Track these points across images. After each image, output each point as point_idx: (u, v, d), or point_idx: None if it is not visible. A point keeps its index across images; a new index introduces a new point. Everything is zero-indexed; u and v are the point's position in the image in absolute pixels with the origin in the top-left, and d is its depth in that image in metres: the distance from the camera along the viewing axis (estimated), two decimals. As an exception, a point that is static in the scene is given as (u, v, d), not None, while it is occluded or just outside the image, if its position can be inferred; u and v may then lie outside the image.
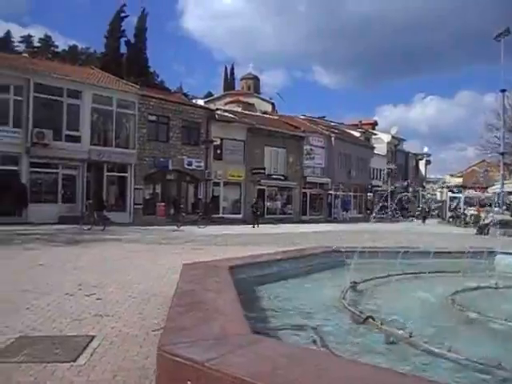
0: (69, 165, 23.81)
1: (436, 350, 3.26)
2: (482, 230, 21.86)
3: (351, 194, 44.03)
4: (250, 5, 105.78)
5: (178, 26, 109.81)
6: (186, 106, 30.59)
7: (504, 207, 26.63)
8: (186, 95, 48.02)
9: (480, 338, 4.25)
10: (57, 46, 59.70)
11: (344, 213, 41.15)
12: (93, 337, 4.13)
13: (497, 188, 28.79)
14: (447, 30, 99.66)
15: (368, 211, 42.90)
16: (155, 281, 7.09)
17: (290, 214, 36.33)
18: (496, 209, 25.08)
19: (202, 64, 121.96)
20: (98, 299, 5.72)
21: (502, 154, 26.81)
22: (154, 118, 27.62)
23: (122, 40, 53.28)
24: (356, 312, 4.35)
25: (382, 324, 3.83)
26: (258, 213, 27.92)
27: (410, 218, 37.12)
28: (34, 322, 4.57)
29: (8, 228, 17.48)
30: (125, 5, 52.91)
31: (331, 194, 40.47)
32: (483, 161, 39.69)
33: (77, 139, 24.02)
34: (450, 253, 8.67)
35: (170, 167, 28.04)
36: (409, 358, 3.34)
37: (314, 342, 3.66)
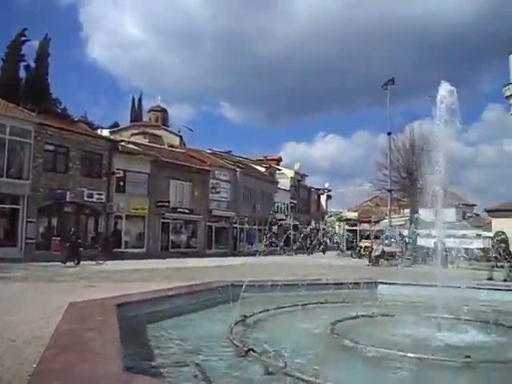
0: None
1: (305, 378, 3.53)
2: (373, 261, 23.50)
3: (256, 227, 44.97)
4: (154, 36, 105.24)
5: (83, 53, 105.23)
6: (87, 136, 29.44)
7: (393, 240, 28.93)
8: (90, 125, 46.20)
9: (351, 364, 4.63)
10: None
11: (249, 246, 41.80)
12: (-42, 387, 3.82)
13: (386, 222, 31.27)
14: (351, 75, 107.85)
15: (272, 244, 43.95)
16: (40, 322, 6.65)
17: (195, 247, 36.07)
18: (385, 241, 27.09)
19: (109, 94, 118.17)
20: (-30, 345, 5.27)
21: (390, 190, 29.39)
22: (51, 147, 26.16)
23: (22, 64, 50.46)
24: (239, 345, 4.52)
25: (261, 356, 4.04)
26: (78, 246, 20.90)
27: (311, 251, 38.81)
28: None
29: None
30: (26, 28, 50.29)
31: (236, 228, 41.05)
32: (376, 196, 42.77)
33: (-40, 168, 22.05)
34: (338, 284, 9.28)
35: (68, 199, 26.62)
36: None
37: (195, 377, 3.75)
